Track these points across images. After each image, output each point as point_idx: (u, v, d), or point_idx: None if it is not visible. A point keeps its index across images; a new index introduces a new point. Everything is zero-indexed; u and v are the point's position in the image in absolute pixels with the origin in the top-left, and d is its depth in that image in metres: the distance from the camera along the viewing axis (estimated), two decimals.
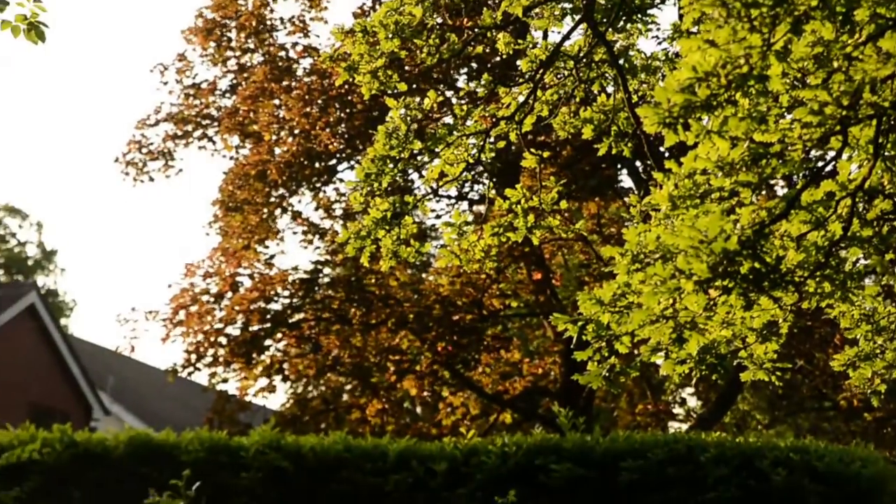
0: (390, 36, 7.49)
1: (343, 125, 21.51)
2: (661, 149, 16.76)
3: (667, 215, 5.12)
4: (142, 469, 13.14)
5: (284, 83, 22.65)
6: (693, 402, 31.76)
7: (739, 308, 5.10)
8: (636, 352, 5.46)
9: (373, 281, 22.73)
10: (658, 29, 8.10)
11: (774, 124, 5.02)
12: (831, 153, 5.38)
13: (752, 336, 5.83)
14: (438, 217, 22.67)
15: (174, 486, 11.25)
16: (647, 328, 4.83)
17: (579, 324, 5.32)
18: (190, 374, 22.49)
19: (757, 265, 4.87)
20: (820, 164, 5.68)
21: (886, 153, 5.37)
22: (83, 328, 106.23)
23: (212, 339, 22.36)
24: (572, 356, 5.60)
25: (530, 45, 8.01)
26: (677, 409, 31.87)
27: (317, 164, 22.14)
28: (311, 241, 23.20)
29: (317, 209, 23.43)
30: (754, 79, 4.67)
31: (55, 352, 30.67)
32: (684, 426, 29.46)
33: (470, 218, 20.23)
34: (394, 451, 12.91)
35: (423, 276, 24.56)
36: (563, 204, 8.13)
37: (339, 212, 23.15)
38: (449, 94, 20.83)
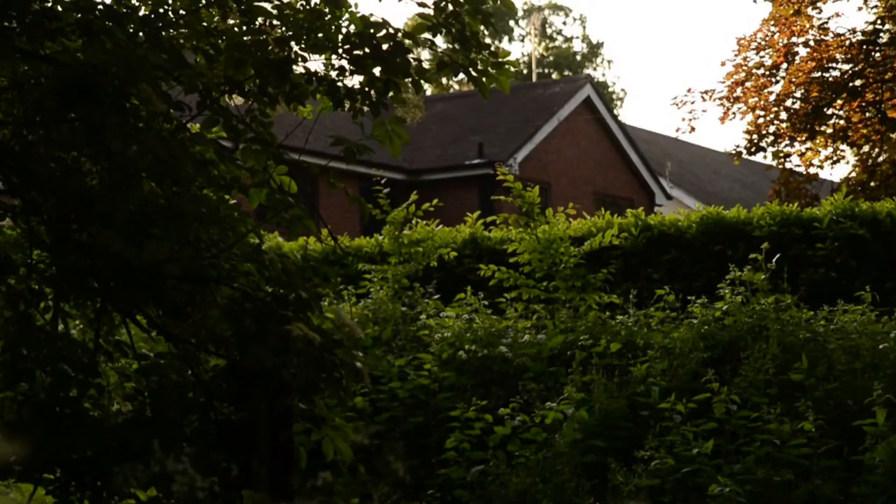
0: None
1: None
2: None
3: None
4: (715, 247, 13.31)
5: None
6: None
7: None
8: None
9: None
10: None
11: None
12: None
13: None
14: None
15: (753, 261, 11.29)
16: None
17: None
18: (753, 153, 22.31)
19: None
20: None
21: None
22: (634, 117, 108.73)
23: (771, 113, 22.00)
24: None
25: None
26: None
27: None
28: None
29: None
30: None
31: (613, 141, 31.52)
32: None
33: None
34: None
35: None
36: None
37: None
38: None
